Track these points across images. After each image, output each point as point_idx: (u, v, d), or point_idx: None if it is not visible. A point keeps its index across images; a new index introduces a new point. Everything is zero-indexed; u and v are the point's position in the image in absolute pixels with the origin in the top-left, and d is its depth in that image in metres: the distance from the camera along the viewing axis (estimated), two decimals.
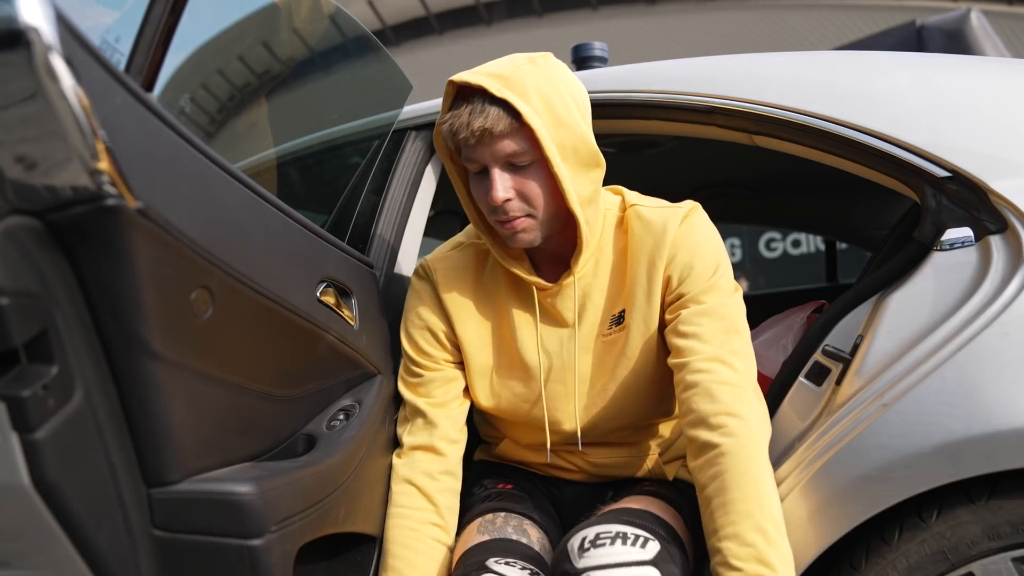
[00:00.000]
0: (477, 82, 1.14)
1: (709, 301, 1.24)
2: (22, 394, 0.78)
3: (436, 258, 1.41)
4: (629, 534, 1.13)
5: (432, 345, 1.37)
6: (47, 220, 0.81)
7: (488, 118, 1.13)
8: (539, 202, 1.20)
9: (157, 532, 0.98)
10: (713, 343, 1.20)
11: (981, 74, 1.33)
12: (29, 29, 0.68)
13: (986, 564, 1.12)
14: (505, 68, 1.18)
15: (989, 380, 1.08)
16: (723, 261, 1.28)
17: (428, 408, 1.34)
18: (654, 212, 1.29)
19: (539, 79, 1.17)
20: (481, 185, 1.22)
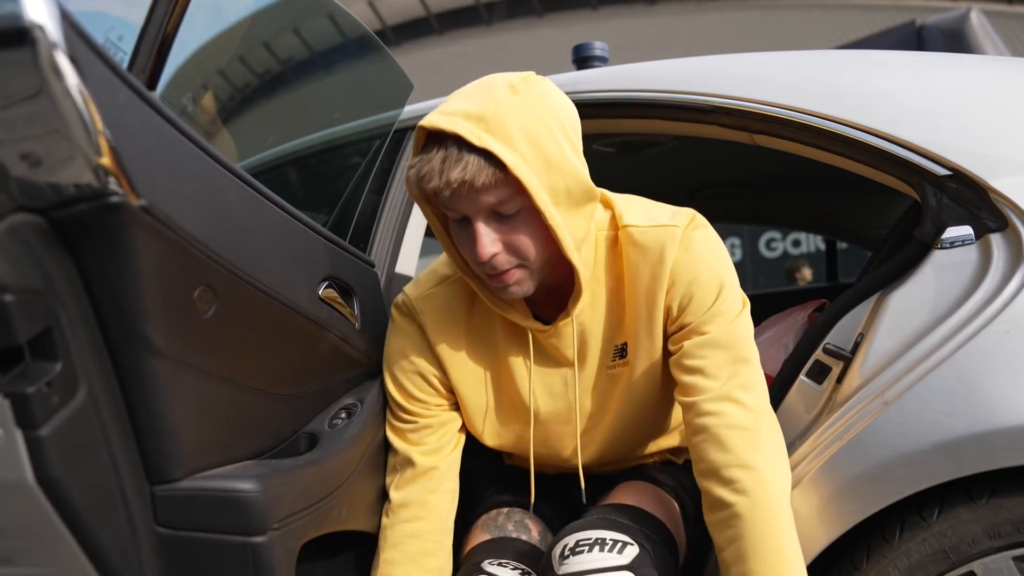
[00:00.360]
0: (451, 129, 0.99)
1: (713, 330, 1.15)
2: (26, 391, 0.79)
3: (421, 296, 1.27)
4: (607, 539, 1.14)
5: (424, 391, 1.28)
6: (51, 217, 0.82)
7: (467, 169, 0.99)
8: (531, 251, 1.08)
9: (160, 529, 0.98)
10: (720, 377, 1.13)
11: (981, 73, 1.34)
12: (34, 27, 0.69)
13: (987, 563, 1.12)
14: (483, 104, 1.01)
15: (990, 378, 1.08)
16: (727, 279, 1.17)
17: (421, 458, 1.26)
18: (649, 235, 1.16)
19: (523, 114, 1.02)
20: (463, 234, 1.09)
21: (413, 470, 1.26)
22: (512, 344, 1.25)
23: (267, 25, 1.73)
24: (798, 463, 1.22)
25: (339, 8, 1.60)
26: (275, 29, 1.76)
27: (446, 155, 1.00)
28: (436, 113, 1.02)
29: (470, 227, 1.06)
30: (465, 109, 1.01)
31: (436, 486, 1.27)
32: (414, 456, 1.26)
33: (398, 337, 1.29)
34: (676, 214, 1.19)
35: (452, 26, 12.51)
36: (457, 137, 0.99)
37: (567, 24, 11.74)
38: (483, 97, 1.03)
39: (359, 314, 1.29)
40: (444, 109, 1.03)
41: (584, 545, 1.13)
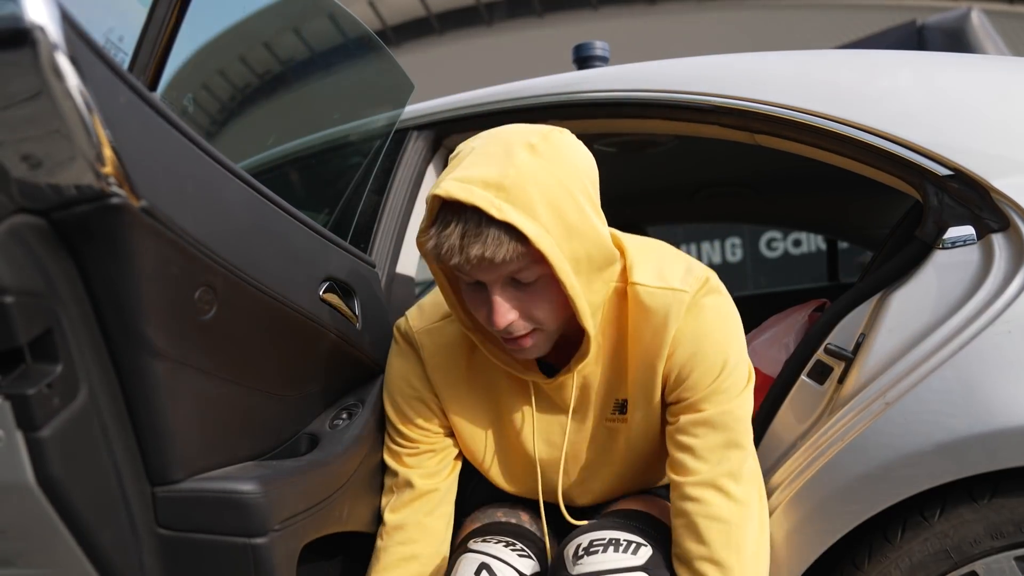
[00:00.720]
0: (470, 200, 0.93)
1: (710, 409, 1.12)
2: (27, 392, 0.79)
3: (423, 330, 1.23)
4: (622, 540, 1.13)
5: (424, 417, 1.25)
6: (52, 219, 0.82)
7: (487, 244, 0.94)
8: (549, 318, 1.05)
9: (161, 530, 0.98)
10: (709, 460, 1.11)
11: (983, 72, 1.33)
12: (35, 28, 0.69)
13: (989, 563, 1.12)
14: (502, 171, 0.96)
15: (991, 378, 1.08)
16: (731, 356, 1.13)
17: (420, 480, 1.24)
18: (655, 298, 1.11)
19: (545, 179, 0.97)
20: (477, 298, 1.05)
21: (411, 492, 1.24)
22: (514, 390, 1.22)
23: (267, 25, 1.73)
24: (799, 464, 1.21)
25: (339, 8, 1.60)
26: (275, 29, 1.76)
27: (465, 230, 0.95)
28: (452, 180, 0.96)
29: (485, 292, 1.03)
30: (483, 176, 0.95)
31: (433, 508, 1.25)
32: (413, 478, 1.24)
33: (400, 362, 1.26)
34: (688, 274, 1.13)
35: (453, 26, 12.51)
36: (476, 209, 0.94)
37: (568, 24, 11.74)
38: (501, 161, 0.97)
39: (360, 314, 1.29)
40: (460, 176, 0.96)
41: (598, 545, 1.12)
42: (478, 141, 1.04)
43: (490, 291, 1.01)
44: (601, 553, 1.11)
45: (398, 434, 1.26)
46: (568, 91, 1.57)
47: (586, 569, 1.10)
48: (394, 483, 1.26)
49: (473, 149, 1.02)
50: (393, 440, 1.27)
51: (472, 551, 1.19)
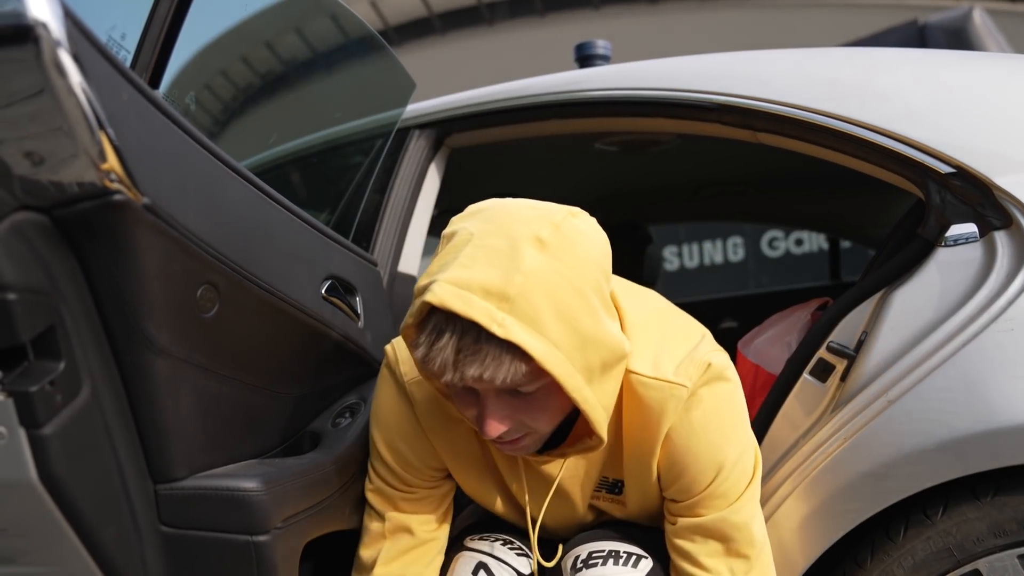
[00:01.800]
0: (468, 314, 0.81)
1: (706, 515, 1.03)
2: (29, 390, 0.79)
3: (413, 381, 1.09)
4: (622, 552, 1.11)
5: (422, 457, 1.12)
6: (54, 216, 0.82)
7: (485, 364, 0.82)
8: (546, 425, 0.95)
9: (164, 528, 0.98)
10: (712, 571, 1.04)
11: (985, 70, 1.33)
12: (37, 24, 0.69)
13: (992, 561, 1.11)
14: (505, 276, 0.82)
15: (994, 376, 1.08)
16: (729, 456, 1.02)
17: (420, 528, 1.15)
18: (651, 390, 0.99)
19: (556, 285, 0.84)
20: (466, 399, 0.93)
21: (410, 540, 1.14)
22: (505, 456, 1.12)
23: (270, 24, 1.73)
24: (801, 462, 1.21)
25: (342, 7, 1.60)
26: (278, 28, 1.76)
27: (460, 344, 0.83)
28: (447, 284, 0.82)
29: (476, 396, 0.92)
30: (483, 282, 0.82)
31: (432, 559, 1.17)
32: (412, 525, 1.14)
33: (392, 400, 1.11)
34: (689, 361, 1.00)
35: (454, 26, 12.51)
36: (474, 323, 0.81)
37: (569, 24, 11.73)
38: (505, 262, 0.83)
39: (362, 313, 1.29)
40: (456, 278, 0.83)
41: (598, 557, 1.10)
42: (477, 224, 0.88)
43: (483, 400, 0.90)
44: (600, 566, 1.09)
45: (392, 476, 1.13)
46: (570, 90, 1.57)
47: None
48: (384, 528, 1.14)
49: (472, 238, 0.86)
50: (385, 481, 1.14)
51: (469, 549, 1.17)
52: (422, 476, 1.14)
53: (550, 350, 0.83)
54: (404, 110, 1.70)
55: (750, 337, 1.78)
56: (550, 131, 1.66)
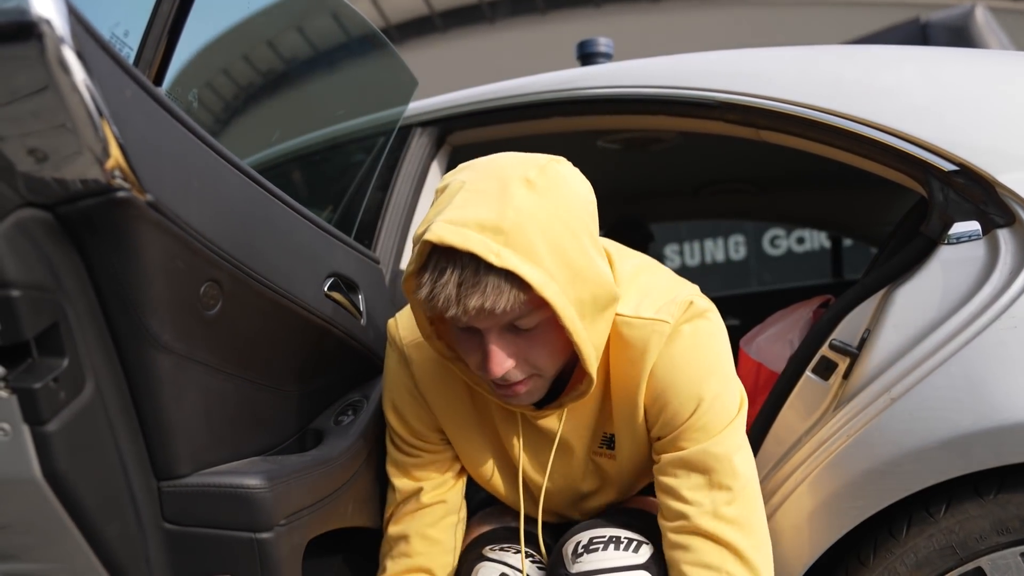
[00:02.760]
0: (465, 246, 0.85)
1: (688, 447, 1.05)
2: (33, 386, 0.79)
3: (412, 344, 1.14)
4: (623, 538, 1.11)
5: (427, 424, 1.19)
6: (58, 213, 0.82)
7: (486, 294, 0.86)
8: (548, 363, 0.99)
9: (167, 525, 0.98)
10: (694, 503, 1.04)
11: (988, 68, 1.33)
12: (41, 21, 0.69)
13: (995, 559, 1.11)
14: (499, 211, 0.87)
15: (997, 374, 1.08)
16: (709, 388, 1.04)
17: (427, 493, 1.19)
18: (634, 329, 1.03)
19: (546, 220, 0.89)
20: (469, 343, 0.97)
21: (415, 503, 1.20)
22: (503, 415, 1.16)
23: (273, 22, 1.73)
24: (804, 460, 1.21)
25: (344, 5, 1.60)
26: (280, 26, 1.76)
27: (461, 278, 0.87)
28: (444, 223, 0.87)
29: (479, 338, 0.95)
30: (478, 218, 0.87)
31: (438, 520, 1.21)
32: (419, 491, 1.20)
33: (396, 369, 1.18)
34: (671, 302, 1.05)
35: (456, 24, 12.49)
36: (472, 255, 0.86)
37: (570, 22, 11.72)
38: (498, 200, 0.88)
39: (364, 310, 1.29)
40: (452, 217, 0.88)
41: (599, 542, 1.11)
42: (467, 174, 0.94)
43: (486, 338, 0.94)
44: (602, 551, 1.09)
45: (403, 442, 1.20)
46: (571, 87, 1.57)
47: (586, 567, 1.08)
48: (397, 496, 1.21)
49: (464, 184, 0.92)
50: (399, 449, 1.21)
51: (490, 560, 1.17)
52: (425, 440, 1.20)
53: (545, 279, 0.88)
54: (406, 108, 1.70)
55: (752, 335, 1.78)
56: (552, 129, 1.66)
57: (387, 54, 1.65)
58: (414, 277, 0.91)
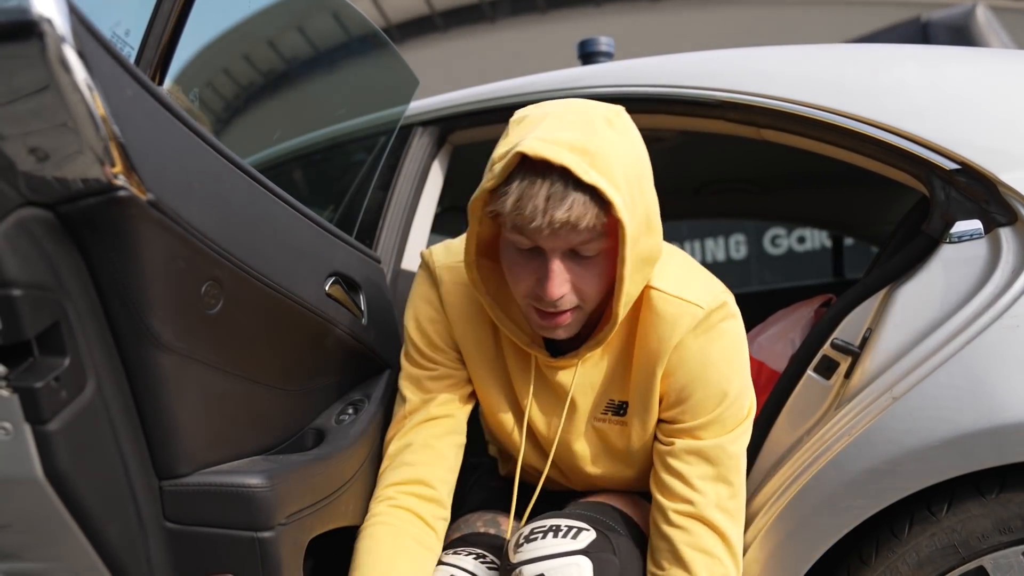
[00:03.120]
0: (559, 160, 0.90)
1: (705, 438, 1.12)
2: (34, 385, 0.79)
3: (445, 265, 1.21)
4: (563, 526, 1.12)
5: (444, 340, 1.22)
6: (59, 212, 0.82)
7: (573, 209, 0.91)
8: (593, 295, 1.03)
9: (168, 524, 0.98)
10: (700, 491, 1.12)
11: (989, 66, 1.33)
12: (42, 20, 0.69)
13: (997, 558, 1.11)
14: (586, 137, 0.94)
15: (999, 373, 1.08)
16: (734, 387, 1.12)
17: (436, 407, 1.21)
18: (669, 305, 1.09)
19: (624, 153, 0.96)
20: (528, 266, 1.01)
21: (425, 413, 1.20)
22: (517, 355, 1.21)
23: (273, 21, 1.73)
24: (806, 459, 1.21)
25: (345, 5, 1.60)
26: (281, 25, 1.76)
27: (551, 191, 0.91)
28: (537, 140, 0.92)
29: (539, 261, 1.00)
30: (569, 140, 0.92)
31: (444, 433, 1.21)
32: (428, 405, 1.20)
33: (423, 288, 1.23)
34: (707, 291, 1.12)
35: (456, 23, 12.50)
36: (564, 170, 0.91)
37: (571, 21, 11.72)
38: (584, 129, 0.95)
39: (365, 309, 1.29)
40: (545, 136, 0.93)
41: (539, 532, 1.11)
42: (550, 107, 1.00)
43: (549, 259, 0.98)
44: (540, 539, 1.10)
45: (419, 355, 1.22)
46: (573, 87, 1.57)
47: (524, 556, 1.08)
48: (406, 407, 1.22)
49: (548, 114, 0.98)
50: (413, 362, 1.23)
51: (443, 563, 1.18)
52: (443, 353, 1.22)
53: (623, 206, 0.94)
54: (407, 107, 1.70)
55: (753, 334, 1.78)
56: None
57: (388, 53, 1.65)
58: (496, 192, 0.96)
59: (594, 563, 1.06)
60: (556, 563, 1.06)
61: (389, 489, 1.18)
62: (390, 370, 1.36)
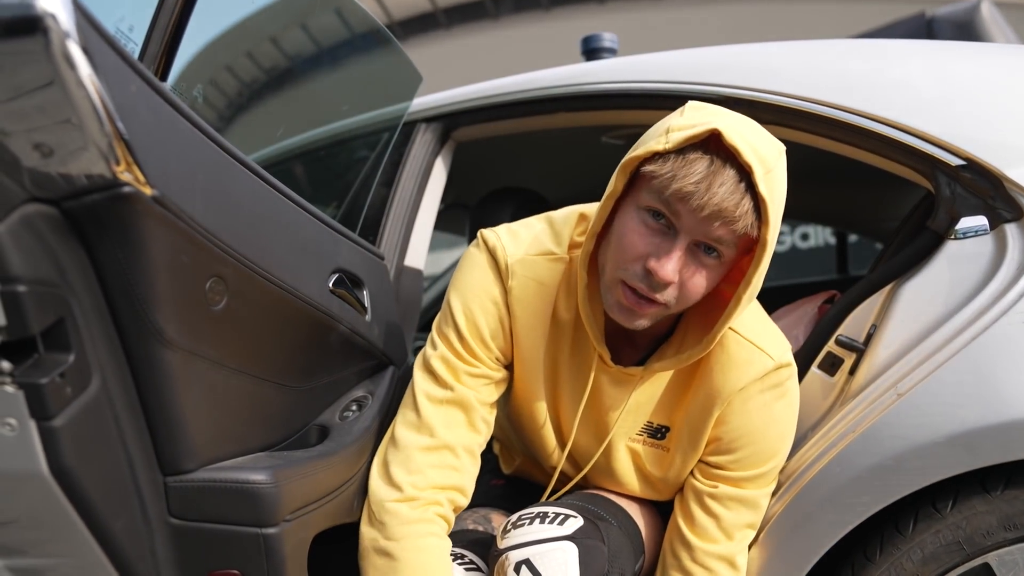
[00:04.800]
0: (746, 157, 0.91)
1: (751, 490, 1.16)
2: (39, 382, 0.79)
3: (520, 260, 1.15)
4: (550, 513, 1.12)
5: (496, 337, 1.16)
6: (63, 208, 0.82)
7: (740, 206, 0.92)
8: (690, 298, 1.02)
9: (173, 520, 0.98)
10: (732, 537, 1.17)
11: (995, 61, 1.32)
12: (46, 16, 0.69)
13: (1002, 555, 1.11)
14: (770, 154, 0.95)
15: (1004, 369, 1.07)
16: (784, 446, 1.16)
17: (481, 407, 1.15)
18: (743, 349, 1.11)
19: (782, 182, 0.97)
20: (648, 239, 0.99)
21: (471, 411, 1.14)
22: (574, 363, 1.18)
23: (277, 18, 1.72)
24: (810, 456, 1.21)
25: (348, 1, 1.60)
26: (285, 22, 1.76)
27: (722, 178, 0.92)
28: (734, 130, 0.93)
29: (663, 240, 0.99)
30: (756, 146, 0.93)
31: (483, 442, 1.17)
32: (471, 403, 1.14)
33: (483, 274, 1.16)
34: (780, 345, 1.14)
35: (459, 20, 12.49)
36: (744, 169, 0.92)
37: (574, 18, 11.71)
38: (770, 147, 0.96)
39: (369, 306, 1.29)
40: (740, 130, 0.93)
41: (526, 519, 1.11)
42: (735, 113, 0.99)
43: (678, 240, 0.97)
44: (527, 525, 1.10)
45: (462, 343, 1.15)
46: (576, 83, 1.56)
47: (511, 541, 1.09)
48: (454, 396, 1.13)
49: (736, 114, 0.98)
50: (453, 350, 1.15)
51: None
52: (488, 354, 1.17)
53: (773, 227, 0.95)
54: (411, 104, 1.70)
55: None
56: (556, 124, 1.65)
57: (391, 50, 1.65)
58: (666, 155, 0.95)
59: (580, 549, 1.06)
60: (542, 548, 1.06)
61: (438, 493, 1.12)
62: (394, 367, 1.36)
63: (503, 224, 1.21)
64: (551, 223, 1.19)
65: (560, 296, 1.16)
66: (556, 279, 1.15)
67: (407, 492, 1.10)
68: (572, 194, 2.78)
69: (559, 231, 1.17)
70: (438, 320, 1.19)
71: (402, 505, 1.09)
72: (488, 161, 2.25)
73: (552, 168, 2.42)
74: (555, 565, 1.04)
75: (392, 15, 12.31)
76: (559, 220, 1.19)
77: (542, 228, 1.19)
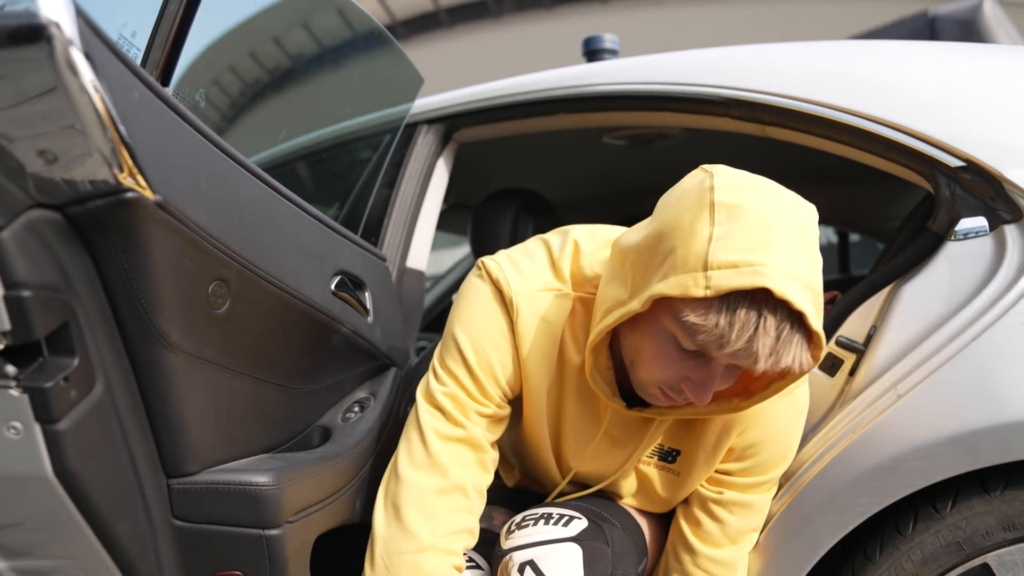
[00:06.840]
0: (799, 305, 0.82)
1: (756, 496, 1.18)
2: (44, 385, 0.80)
3: (524, 294, 1.09)
4: (554, 514, 1.12)
5: (506, 373, 1.11)
6: (67, 213, 0.82)
7: (794, 351, 0.85)
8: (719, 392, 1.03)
9: (176, 522, 0.99)
10: (736, 541, 1.19)
11: (996, 62, 1.32)
12: (50, 23, 0.69)
13: (1001, 555, 1.11)
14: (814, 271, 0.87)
15: (1004, 370, 1.08)
16: (792, 452, 1.16)
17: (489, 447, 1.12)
18: None
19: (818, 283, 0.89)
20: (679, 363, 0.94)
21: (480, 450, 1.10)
22: (582, 400, 1.14)
23: (278, 20, 1.73)
24: (810, 456, 1.21)
25: (350, 3, 1.60)
26: (286, 24, 1.76)
27: (779, 330, 0.83)
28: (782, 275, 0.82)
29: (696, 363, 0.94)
30: (804, 276, 0.85)
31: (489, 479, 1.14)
32: (480, 443, 1.10)
33: (490, 309, 1.10)
34: None
35: (461, 20, 12.49)
36: (798, 315, 0.83)
37: (576, 18, 11.71)
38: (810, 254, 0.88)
39: (371, 308, 1.30)
40: (786, 268, 0.83)
41: (530, 520, 1.11)
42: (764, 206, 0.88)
43: (713, 371, 0.93)
44: (531, 526, 1.10)
45: (471, 381, 1.10)
46: (578, 84, 1.57)
47: (514, 542, 1.09)
48: (466, 435, 1.09)
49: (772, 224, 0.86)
50: (463, 387, 1.10)
51: None
52: (498, 391, 1.11)
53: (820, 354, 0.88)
54: (412, 105, 1.71)
55: None
56: (558, 125, 1.66)
57: (393, 51, 1.66)
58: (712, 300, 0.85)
59: (584, 551, 1.06)
60: (545, 549, 1.06)
61: (454, 542, 1.08)
62: (396, 368, 1.37)
63: (502, 252, 1.16)
64: (550, 252, 1.14)
65: (567, 337, 1.11)
66: (562, 317, 1.10)
67: (424, 541, 1.05)
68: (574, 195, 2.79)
69: (558, 262, 1.12)
70: (441, 353, 1.13)
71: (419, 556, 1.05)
72: (490, 162, 2.25)
73: (554, 169, 2.43)
74: (559, 566, 1.05)
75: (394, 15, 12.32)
76: (556, 249, 1.14)
77: (543, 259, 1.14)
